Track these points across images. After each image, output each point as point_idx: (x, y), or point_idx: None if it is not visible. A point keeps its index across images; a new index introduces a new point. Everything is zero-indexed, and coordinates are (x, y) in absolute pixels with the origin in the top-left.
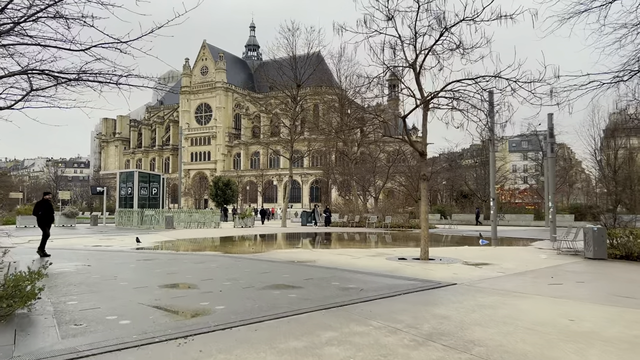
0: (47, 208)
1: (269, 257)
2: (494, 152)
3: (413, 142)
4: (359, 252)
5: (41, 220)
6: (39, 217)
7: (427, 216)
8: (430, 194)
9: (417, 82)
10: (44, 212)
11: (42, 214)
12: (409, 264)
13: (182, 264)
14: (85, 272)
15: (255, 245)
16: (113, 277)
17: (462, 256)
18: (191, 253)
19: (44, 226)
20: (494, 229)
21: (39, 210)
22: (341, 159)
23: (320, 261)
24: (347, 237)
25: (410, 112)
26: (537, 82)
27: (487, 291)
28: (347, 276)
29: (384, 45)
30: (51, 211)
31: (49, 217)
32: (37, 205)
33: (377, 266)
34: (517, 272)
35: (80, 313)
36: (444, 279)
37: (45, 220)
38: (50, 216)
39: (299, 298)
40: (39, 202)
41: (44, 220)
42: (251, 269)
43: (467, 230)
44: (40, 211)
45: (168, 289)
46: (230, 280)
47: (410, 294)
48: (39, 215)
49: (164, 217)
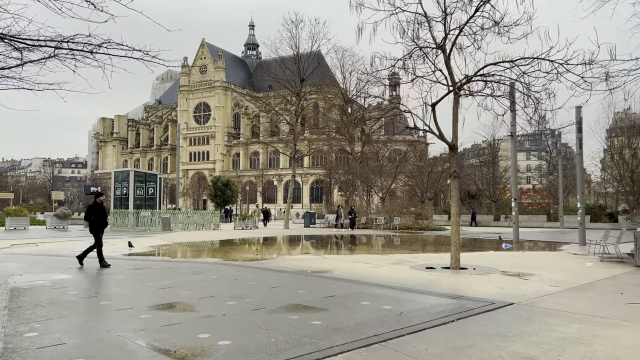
0: (100, 212)
1: (277, 265)
2: (515, 149)
3: (442, 134)
4: (376, 259)
5: (94, 225)
6: (91, 222)
7: (458, 219)
8: (434, 194)
9: (447, 65)
10: (97, 217)
11: (95, 219)
12: (441, 275)
13: (178, 275)
14: (61, 287)
15: (258, 250)
16: (94, 293)
17: (494, 264)
18: (189, 261)
19: (97, 232)
20: (515, 231)
21: (91, 215)
22: (344, 159)
23: (337, 271)
24: (357, 241)
25: (441, 99)
26: (588, 64)
27: (557, 315)
28: (375, 292)
29: (410, 23)
30: (104, 215)
31: (103, 222)
32: (90, 208)
33: (404, 278)
34: (573, 285)
35: (35, 354)
36: (493, 295)
37: (99, 226)
38: (103, 221)
39: (325, 327)
40: (91, 205)
41: (97, 226)
42: (258, 281)
43: (481, 233)
44: (93, 215)
45: (159, 311)
46: (235, 299)
47: (466, 320)
48: (91, 220)
49: (161, 218)
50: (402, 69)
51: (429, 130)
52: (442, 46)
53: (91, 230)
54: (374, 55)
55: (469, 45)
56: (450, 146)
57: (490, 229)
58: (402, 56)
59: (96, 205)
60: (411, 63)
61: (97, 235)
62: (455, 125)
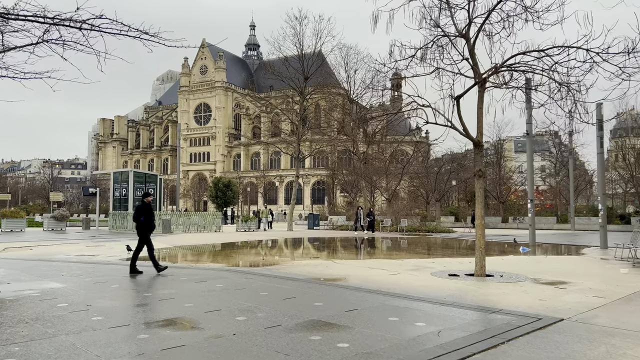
0: (149, 213)
1: (287, 272)
2: (532, 148)
3: (467, 130)
4: (392, 265)
5: (144, 227)
6: (141, 224)
7: (483, 222)
8: (442, 195)
9: (471, 54)
10: (147, 218)
11: (145, 220)
12: (467, 283)
13: (179, 284)
14: (50, 298)
15: (265, 254)
16: (86, 306)
17: (520, 269)
18: (190, 267)
19: (146, 234)
20: (532, 234)
21: (141, 216)
22: (346, 160)
23: (353, 278)
24: (367, 244)
25: (467, 90)
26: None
27: (620, 334)
28: (401, 305)
29: (433, 8)
30: (153, 216)
31: (152, 224)
32: (139, 209)
33: (429, 287)
34: (619, 296)
35: None
36: (535, 309)
37: (149, 227)
38: (152, 222)
39: (354, 352)
40: (140, 206)
41: (147, 228)
42: (269, 291)
43: (492, 235)
44: (142, 216)
45: (159, 328)
46: (244, 313)
47: (517, 342)
48: (141, 222)
49: (161, 220)
50: (421, 61)
51: (450, 126)
52: (466, 34)
53: (140, 232)
54: (393, 44)
55: (497, 33)
56: (475, 143)
57: (499, 231)
58: (422, 45)
59: (145, 206)
60: (431, 53)
61: (147, 238)
62: (480, 120)
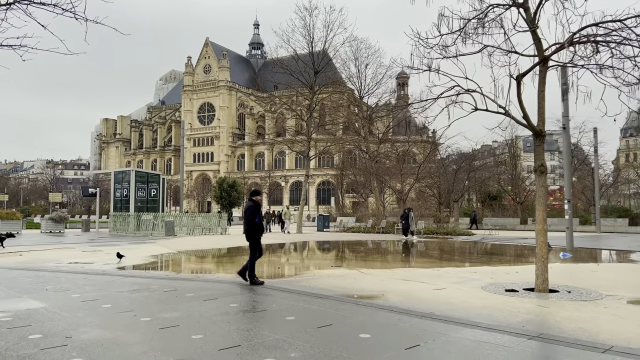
0: (261, 214)
1: (311, 285)
2: (570, 143)
3: (528, 116)
4: (429, 276)
5: (257, 230)
6: (254, 227)
7: (545, 227)
8: (460, 195)
9: (533, 27)
10: (261, 220)
11: (260, 222)
12: (535, 303)
13: (184, 303)
14: (23, 324)
15: (279, 261)
16: (64, 338)
17: (582, 282)
18: (197, 278)
19: (257, 239)
20: (570, 238)
21: (255, 217)
22: (353, 159)
23: (392, 295)
24: (392, 249)
25: (531, 69)
26: None
27: None
28: (473, 338)
29: None
30: (262, 218)
31: (262, 226)
32: (251, 210)
33: (491, 307)
34: None
35: None
36: None
37: (262, 230)
38: (262, 225)
39: None
40: (251, 206)
41: (259, 231)
42: (297, 315)
43: (513, 238)
44: (257, 218)
45: None
46: (272, 351)
47: None
48: (254, 225)
49: (164, 222)
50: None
51: (504, 113)
52: (524, 3)
53: (252, 236)
54: (442, 12)
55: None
56: (536, 132)
57: (519, 233)
58: (476, 15)
59: (258, 206)
60: (482, 26)
61: (259, 242)
62: (542, 105)
